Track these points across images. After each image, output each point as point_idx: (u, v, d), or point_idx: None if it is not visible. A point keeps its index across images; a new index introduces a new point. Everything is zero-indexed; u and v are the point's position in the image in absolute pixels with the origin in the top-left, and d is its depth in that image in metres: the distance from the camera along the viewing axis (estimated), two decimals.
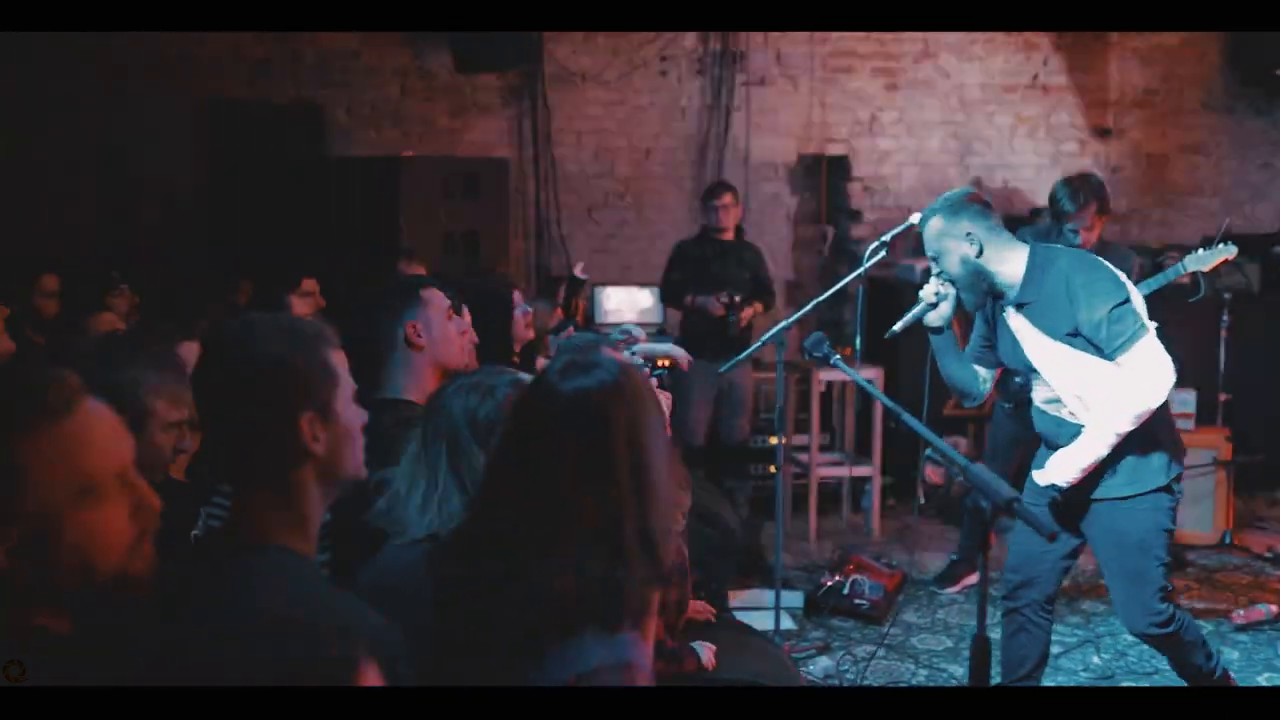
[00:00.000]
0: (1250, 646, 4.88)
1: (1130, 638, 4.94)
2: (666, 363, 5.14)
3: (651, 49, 7.44)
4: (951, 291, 3.60)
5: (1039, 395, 3.64)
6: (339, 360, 1.76)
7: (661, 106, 7.52)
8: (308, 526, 1.73)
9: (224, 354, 1.73)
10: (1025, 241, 3.61)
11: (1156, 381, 3.30)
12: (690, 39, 7.49)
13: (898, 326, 3.75)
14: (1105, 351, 3.33)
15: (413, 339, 3.11)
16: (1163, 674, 4.54)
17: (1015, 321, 3.54)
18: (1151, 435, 3.42)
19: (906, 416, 2.45)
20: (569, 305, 6.25)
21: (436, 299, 3.21)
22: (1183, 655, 3.71)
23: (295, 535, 1.71)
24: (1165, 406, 3.44)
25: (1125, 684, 4.52)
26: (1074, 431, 3.49)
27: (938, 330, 3.71)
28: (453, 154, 7.13)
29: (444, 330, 3.17)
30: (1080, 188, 4.83)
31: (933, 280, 3.64)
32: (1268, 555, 5.98)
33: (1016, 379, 5.21)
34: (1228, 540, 6.11)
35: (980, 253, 3.47)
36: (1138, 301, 3.43)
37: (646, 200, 7.36)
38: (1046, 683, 4.50)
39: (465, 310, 3.31)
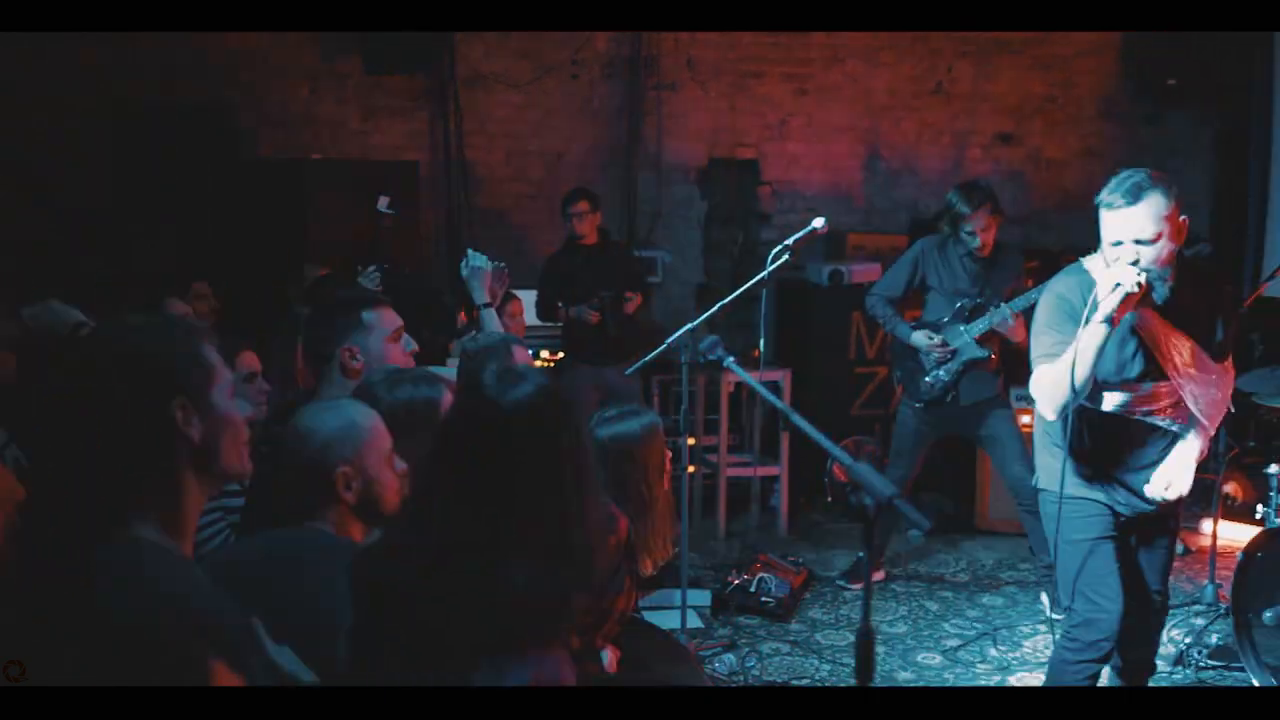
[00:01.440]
0: None
1: (1026, 629, 5.12)
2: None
3: (563, 53, 7.48)
4: (1146, 286, 3.17)
5: (1142, 407, 3.43)
6: (214, 354, 1.77)
7: (573, 110, 7.56)
8: (181, 518, 1.72)
9: (95, 347, 1.75)
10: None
11: (1231, 385, 3.49)
12: (602, 43, 7.54)
13: (1099, 314, 3.16)
14: (1219, 356, 3.42)
15: (347, 363, 3.05)
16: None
17: (1159, 329, 3.32)
18: None
19: (795, 417, 2.51)
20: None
21: (383, 321, 3.13)
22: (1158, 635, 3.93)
23: (166, 526, 1.69)
24: None
25: (1020, 673, 4.66)
26: (1168, 443, 3.46)
27: (1113, 325, 3.19)
28: (363, 156, 7.10)
29: (384, 355, 3.10)
30: (973, 190, 5.12)
31: (1131, 269, 3.14)
32: None
33: (926, 378, 5.36)
34: None
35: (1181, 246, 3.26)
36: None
37: (559, 204, 7.37)
38: (946, 675, 4.64)
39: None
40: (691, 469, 6.61)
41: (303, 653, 1.79)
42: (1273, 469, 4.69)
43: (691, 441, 6.57)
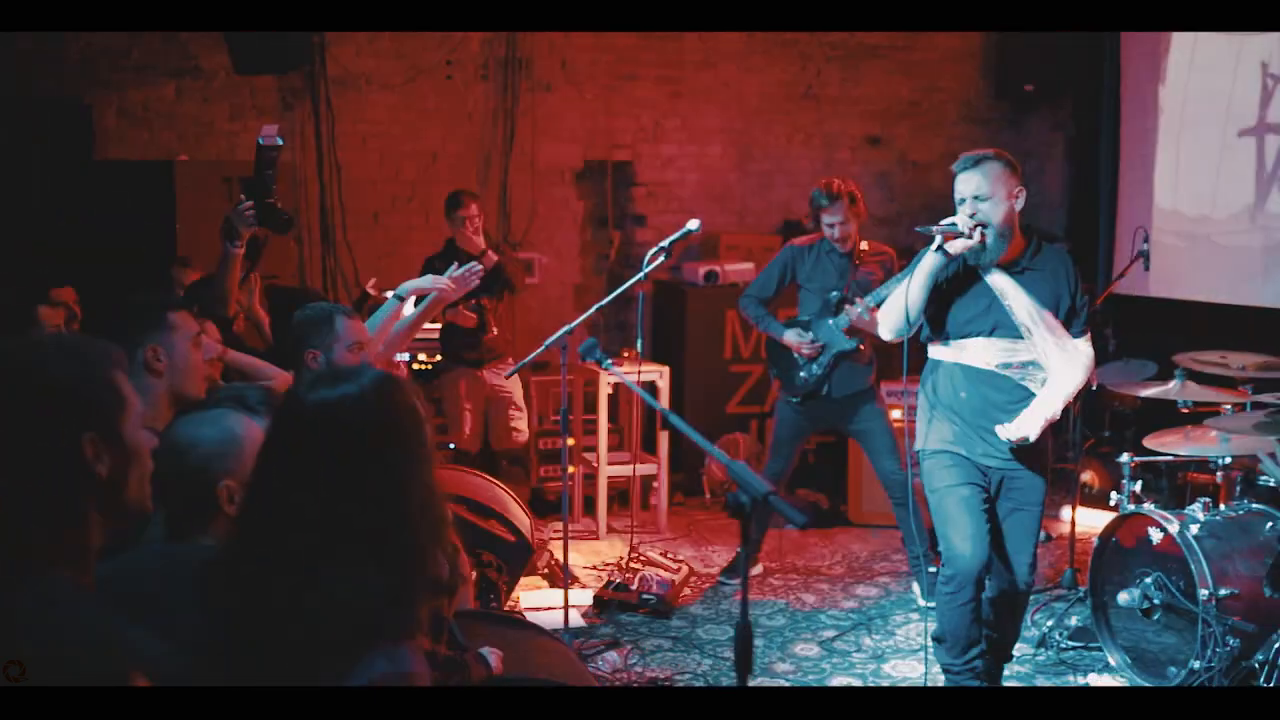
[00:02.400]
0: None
1: (899, 618, 5.27)
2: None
3: (437, 54, 7.43)
4: (977, 237, 3.73)
5: (991, 359, 3.89)
6: (124, 382, 1.71)
7: (448, 111, 7.52)
8: (87, 556, 1.66)
9: (2, 373, 1.65)
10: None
11: (1090, 366, 3.95)
12: (475, 44, 7.51)
13: (934, 230, 3.76)
14: (1074, 330, 3.88)
15: (151, 363, 3.03)
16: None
17: (1002, 283, 3.83)
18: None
19: (673, 417, 2.56)
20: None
21: (184, 324, 3.15)
22: (1019, 618, 4.24)
23: (74, 565, 1.63)
24: None
25: (894, 660, 4.81)
26: (1021, 395, 3.88)
27: (946, 255, 3.76)
28: (232, 157, 6.94)
29: (187, 358, 3.11)
30: (831, 184, 5.32)
31: (962, 214, 3.77)
32: None
33: (801, 373, 5.48)
34: None
35: (1020, 210, 3.84)
36: None
37: (434, 205, 7.31)
38: (823, 664, 4.75)
39: (209, 327, 3.26)
40: (572, 469, 6.64)
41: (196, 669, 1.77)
42: (1125, 458, 4.91)
43: (571, 442, 6.60)
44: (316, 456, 1.76)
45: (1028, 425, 3.82)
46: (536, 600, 5.38)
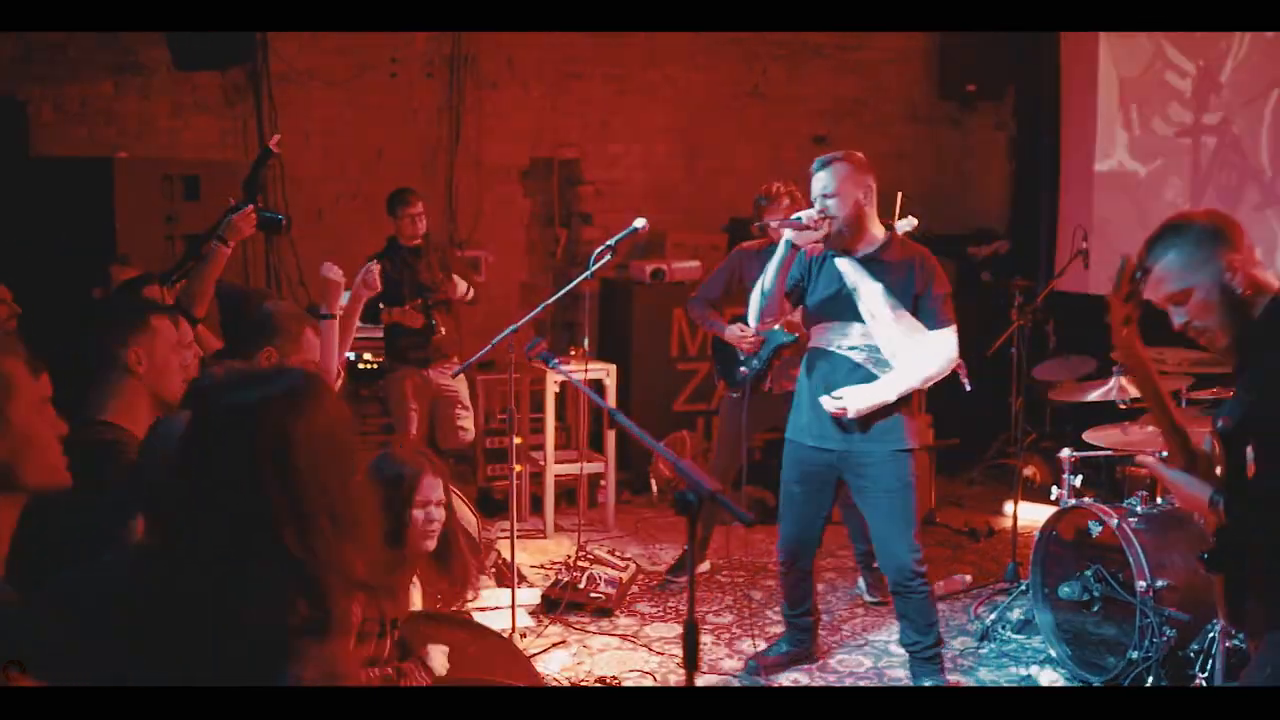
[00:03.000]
0: (948, 614, 5.32)
1: (845, 613, 5.31)
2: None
3: (382, 51, 7.38)
4: (829, 228, 4.06)
5: (840, 342, 4.18)
6: (17, 368, 1.71)
7: (393, 108, 7.46)
8: None
9: None
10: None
11: (947, 358, 4.14)
12: (421, 42, 7.47)
13: (775, 222, 4.32)
14: (928, 323, 4.09)
15: (133, 365, 3.03)
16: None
17: (855, 275, 4.12)
18: (919, 405, 4.25)
19: (620, 416, 2.57)
20: None
21: (168, 330, 3.16)
22: (921, 612, 4.30)
23: None
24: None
25: (840, 655, 4.85)
26: (860, 377, 4.14)
27: (795, 246, 4.12)
28: (172, 155, 6.85)
29: (167, 362, 3.11)
30: (771, 187, 5.39)
31: (812, 210, 4.10)
32: (964, 530, 6.53)
33: (742, 369, 5.50)
34: (931, 518, 6.63)
35: (869, 205, 4.14)
36: None
37: (378, 203, 7.25)
38: (724, 665, 4.79)
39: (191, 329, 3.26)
40: (518, 468, 6.62)
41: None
42: (1066, 452, 4.99)
43: (518, 440, 6.57)
44: (234, 457, 1.74)
45: (851, 399, 4.08)
46: (484, 600, 5.35)
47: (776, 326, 5.45)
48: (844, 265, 4.15)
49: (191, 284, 4.20)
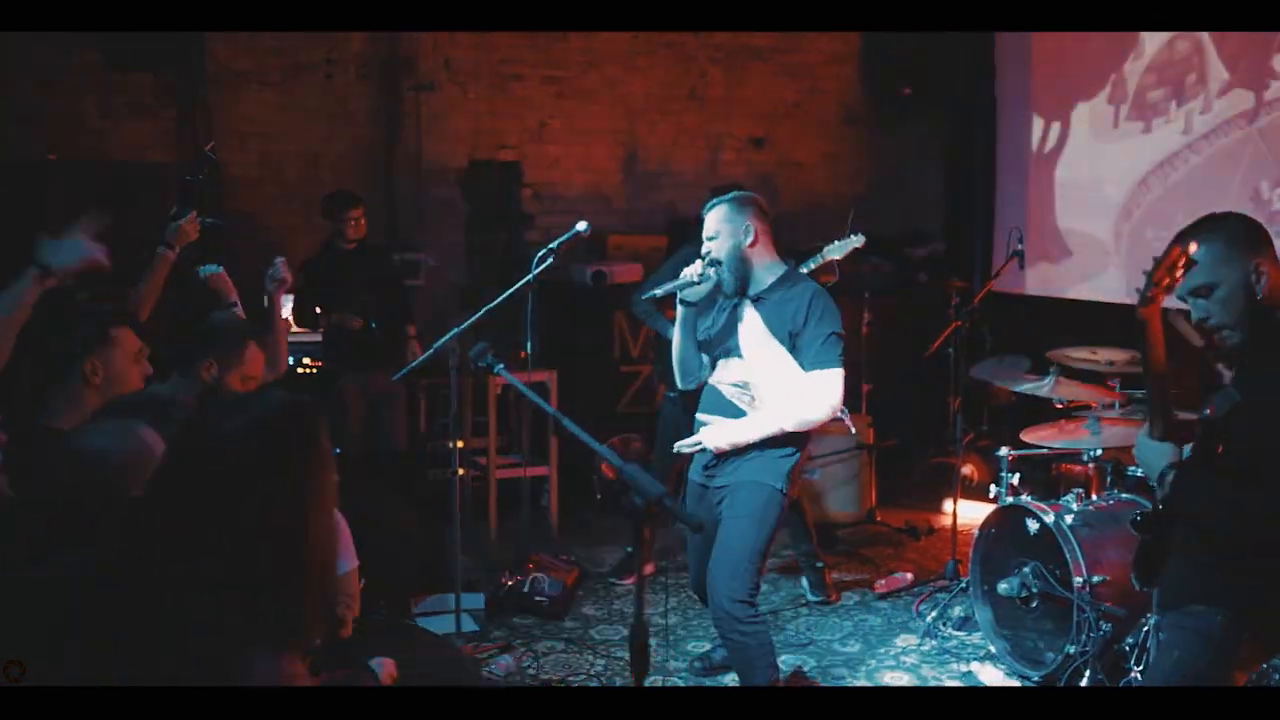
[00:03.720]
0: (890, 612, 5.38)
1: (789, 613, 5.34)
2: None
3: (318, 51, 7.30)
4: (712, 275, 3.94)
5: (726, 377, 4.02)
6: None
7: (330, 110, 7.39)
8: None
9: None
10: (788, 261, 4.06)
11: (827, 404, 3.85)
12: (357, 42, 7.40)
13: (659, 291, 4.08)
14: (804, 363, 3.85)
15: (89, 376, 3.03)
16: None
17: (749, 312, 3.97)
18: (798, 442, 3.94)
19: (564, 420, 2.57)
20: None
21: (127, 340, 3.16)
22: (742, 662, 3.97)
23: None
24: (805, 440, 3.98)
25: (785, 655, 4.87)
26: (735, 413, 3.96)
27: (689, 304, 4.02)
28: (104, 157, 6.72)
29: (125, 373, 3.11)
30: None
31: (698, 262, 3.98)
32: (905, 529, 6.60)
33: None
34: (872, 517, 6.69)
35: (752, 245, 3.95)
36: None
37: (316, 206, 7.18)
38: (669, 666, 4.79)
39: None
40: (461, 472, 6.58)
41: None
42: (1003, 451, 5.06)
43: (460, 445, 6.54)
44: (223, 479, 1.74)
45: (708, 436, 3.95)
46: (428, 606, 5.32)
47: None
48: (738, 305, 4.01)
49: (137, 290, 4.13)
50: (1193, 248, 2.59)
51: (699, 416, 4.07)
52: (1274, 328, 2.60)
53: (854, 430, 4.50)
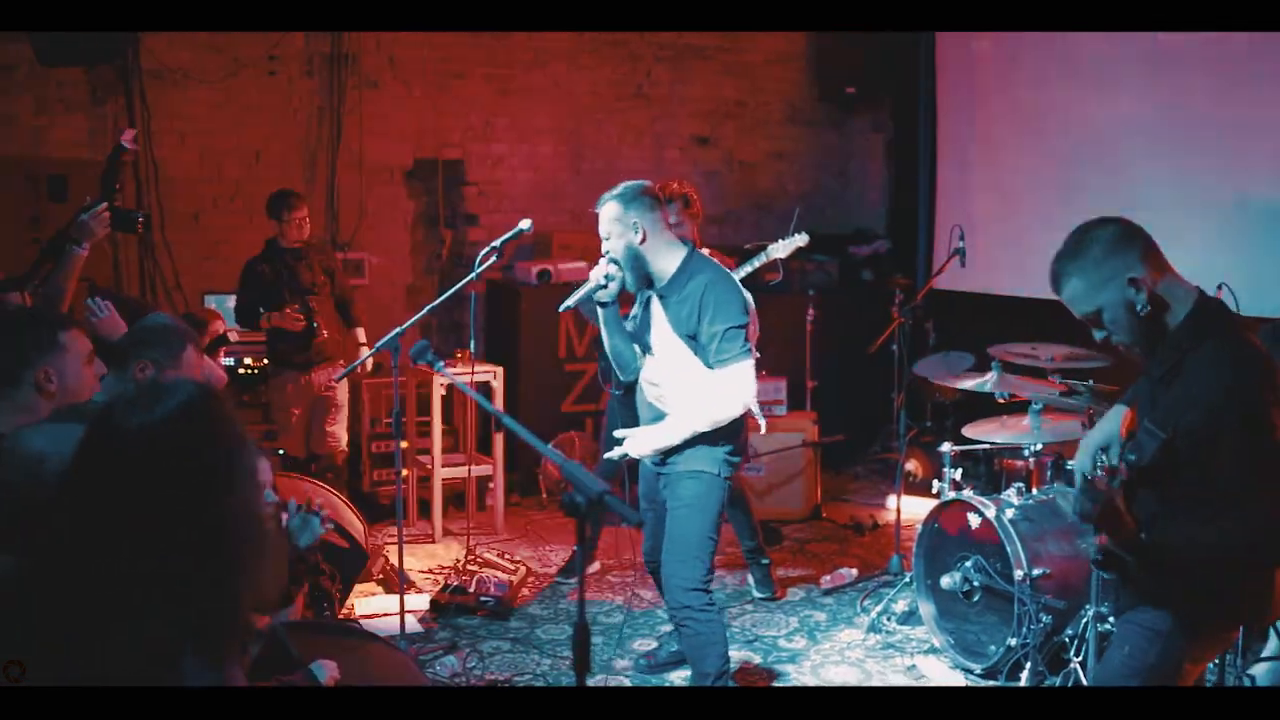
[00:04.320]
0: (835, 607, 5.41)
1: (735, 610, 5.35)
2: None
3: (258, 48, 7.21)
4: (619, 274, 3.91)
5: (647, 374, 4.05)
6: None
7: (271, 108, 7.30)
8: None
9: None
10: (687, 242, 4.03)
11: (736, 399, 3.80)
12: (299, 39, 7.32)
13: (571, 301, 4.03)
14: (707, 360, 3.77)
15: (42, 384, 2.93)
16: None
17: (655, 307, 3.95)
18: (727, 432, 3.90)
19: (506, 419, 2.55)
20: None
21: (78, 344, 3.06)
22: (694, 650, 3.97)
23: None
24: (742, 417, 3.94)
25: (730, 649, 4.88)
26: (653, 413, 4.00)
27: (605, 305, 3.99)
28: (37, 154, 6.60)
29: (79, 378, 3.02)
30: (667, 187, 5.37)
31: (603, 261, 3.94)
32: (850, 525, 6.64)
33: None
34: (817, 514, 6.73)
35: (643, 241, 3.87)
36: (754, 331, 3.95)
37: (257, 205, 7.09)
38: (615, 664, 4.80)
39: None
40: (406, 472, 6.54)
41: None
42: (946, 447, 5.11)
43: (405, 445, 6.50)
44: (137, 478, 1.70)
45: (631, 446, 3.95)
46: (372, 607, 5.28)
47: None
48: (650, 302, 3.99)
49: (49, 288, 4.04)
50: (1054, 282, 2.67)
51: (625, 434, 4.02)
52: (1185, 328, 2.59)
53: (764, 427, 4.50)
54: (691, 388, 3.83)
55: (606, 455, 4.05)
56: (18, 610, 1.75)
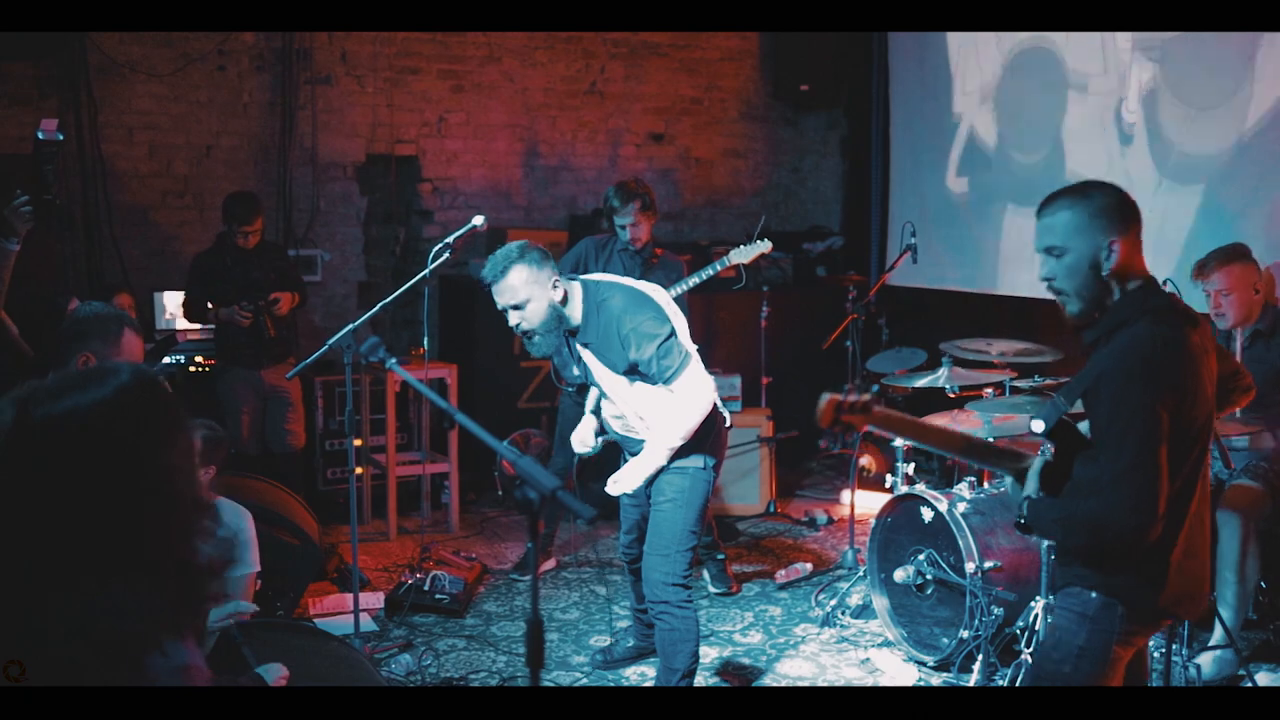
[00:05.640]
0: (790, 602, 5.44)
1: None
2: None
3: (208, 43, 7.12)
4: (540, 342, 3.91)
5: (608, 410, 4.12)
6: None
7: (222, 103, 7.22)
8: None
9: None
10: (574, 277, 3.99)
11: (700, 401, 3.85)
12: (251, 34, 7.24)
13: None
14: (658, 381, 3.82)
15: (80, 368, 2.93)
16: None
17: (585, 354, 3.96)
18: (703, 428, 3.93)
19: (459, 416, 2.54)
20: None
21: (133, 345, 3.20)
22: (666, 647, 3.99)
23: None
24: (711, 413, 3.96)
25: None
26: (639, 442, 4.02)
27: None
28: None
29: None
30: (624, 187, 5.39)
31: (585, 423, 4.28)
32: (804, 520, 6.68)
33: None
34: (772, 509, 6.77)
35: (562, 297, 3.83)
36: (680, 326, 3.92)
37: (209, 201, 7.03)
38: (571, 661, 4.81)
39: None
40: (360, 470, 6.50)
41: None
42: (899, 442, 5.15)
43: (359, 443, 6.46)
44: (66, 470, 1.67)
45: (617, 486, 3.99)
46: (326, 606, 5.25)
47: None
48: (581, 351, 3.99)
49: None
50: (1045, 205, 2.71)
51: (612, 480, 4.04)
52: (1119, 306, 2.67)
53: (729, 420, 4.51)
54: (657, 407, 3.89)
55: (609, 489, 4.04)
56: None
